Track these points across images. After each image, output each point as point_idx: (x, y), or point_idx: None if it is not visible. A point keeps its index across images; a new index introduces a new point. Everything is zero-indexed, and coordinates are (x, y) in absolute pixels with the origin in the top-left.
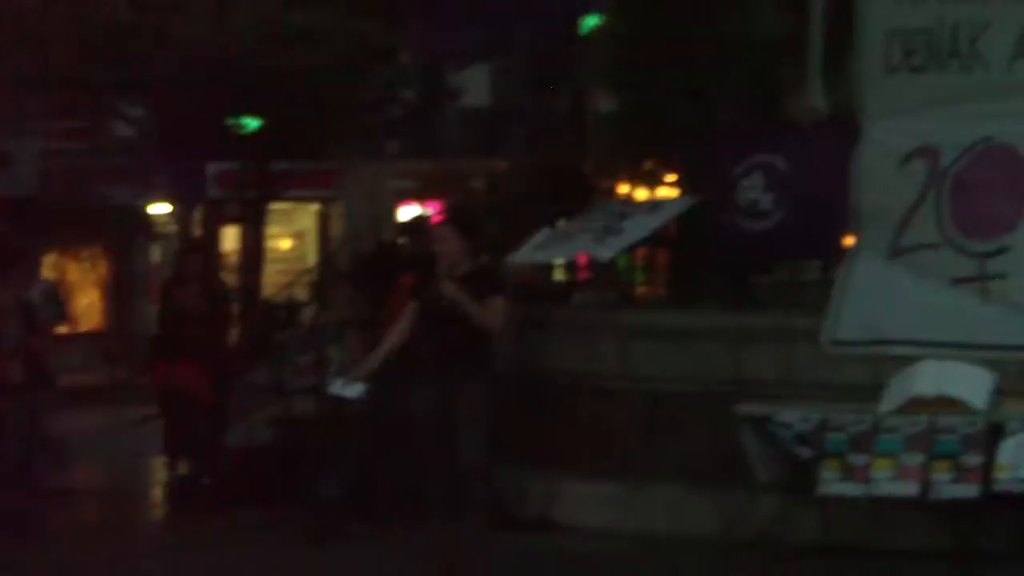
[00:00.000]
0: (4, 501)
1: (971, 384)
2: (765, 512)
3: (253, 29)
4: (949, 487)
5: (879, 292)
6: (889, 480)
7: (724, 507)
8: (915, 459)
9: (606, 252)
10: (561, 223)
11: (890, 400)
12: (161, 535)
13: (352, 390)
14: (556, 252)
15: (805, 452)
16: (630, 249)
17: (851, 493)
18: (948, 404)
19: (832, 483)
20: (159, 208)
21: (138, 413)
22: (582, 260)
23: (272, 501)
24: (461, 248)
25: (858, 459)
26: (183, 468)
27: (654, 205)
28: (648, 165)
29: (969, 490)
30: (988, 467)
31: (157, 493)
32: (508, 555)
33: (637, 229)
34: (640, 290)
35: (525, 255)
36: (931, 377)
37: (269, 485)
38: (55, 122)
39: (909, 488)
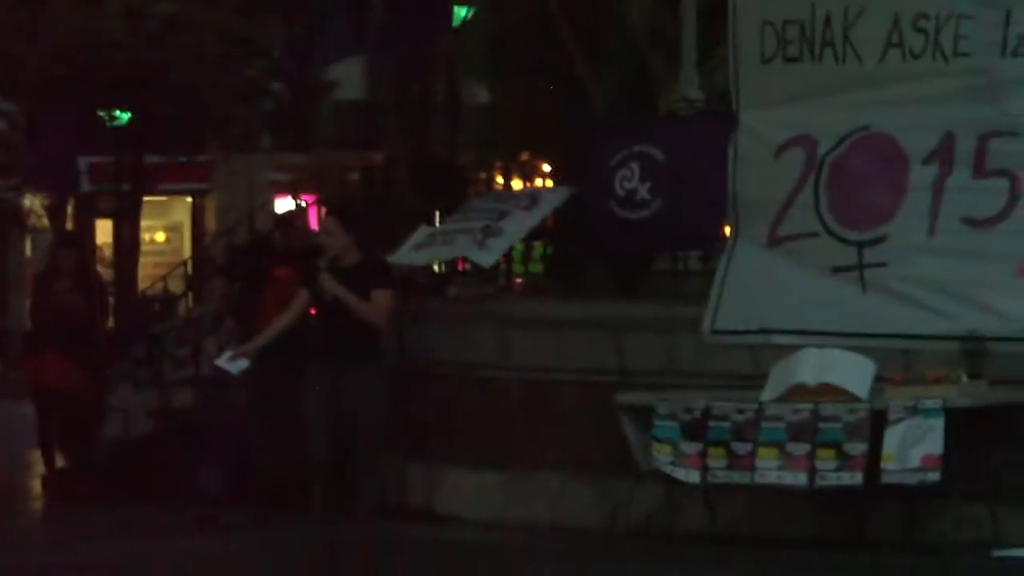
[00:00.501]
0: None
1: (852, 372)
2: (650, 501)
3: (121, 20)
4: (834, 475)
5: (759, 281)
6: (775, 469)
7: (608, 496)
8: (800, 448)
9: (488, 257)
10: (439, 223)
11: (772, 389)
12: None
13: (236, 365)
14: (436, 254)
15: (691, 448)
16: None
17: (737, 482)
18: (830, 392)
19: (718, 472)
20: (31, 201)
21: (12, 408)
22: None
23: (153, 493)
24: (347, 240)
25: (742, 447)
26: (60, 461)
27: (532, 199)
28: (523, 156)
29: (854, 478)
30: (872, 455)
31: (35, 486)
32: (392, 545)
33: (517, 228)
34: (519, 281)
35: (404, 255)
36: (812, 365)
37: (149, 477)
38: None
39: (797, 478)
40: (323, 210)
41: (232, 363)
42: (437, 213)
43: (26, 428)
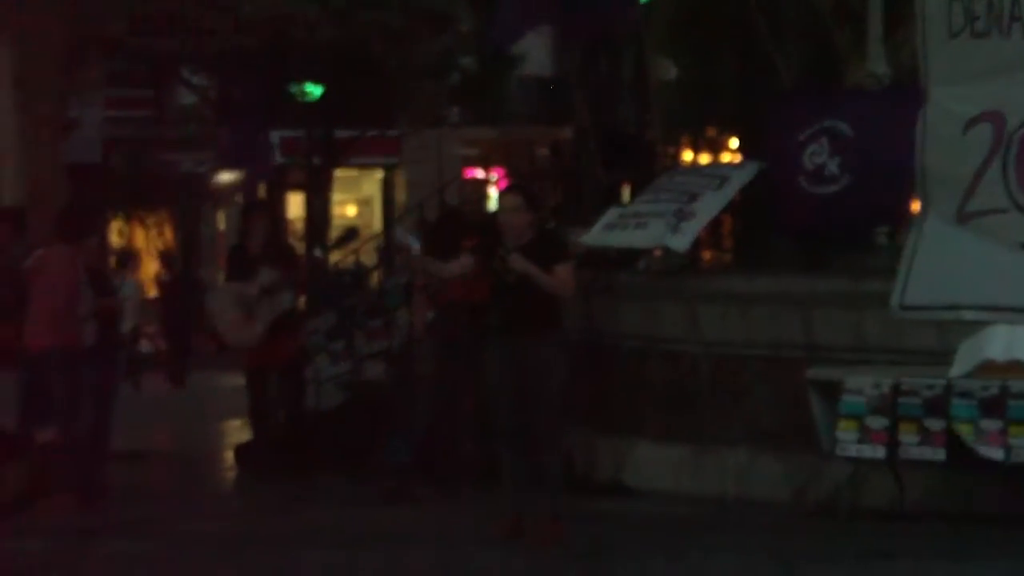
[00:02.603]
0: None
1: None
2: (837, 476)
3: None
4: None
5: (947, 257)
6: (971, 443)
7: (794, 471)
8: (993, 424)
9: (683, 241)
10: (628, 200)
11: (961, 365)
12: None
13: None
14: (630, 240)
15: (878, 422)
16: None
17: (929, 457)
18: (1019, 369)
19: (910, 448)
20: (225, 176)
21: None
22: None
23: (342, 465)
24: (530, 218)
25: (935, 423)
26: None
27: (721, 177)
28: (711, 132)
29: None
30: None
31: (229, 457)
32: (579, 519)
33: (708, 209)
34: (706, 255)
35: (596, 236)
36: (1002, 342)
37: (339, 449)
38: (119, 90)
39: (993, 452)
40: (503, 186)
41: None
42: (626, 188)
43: (228, 400)
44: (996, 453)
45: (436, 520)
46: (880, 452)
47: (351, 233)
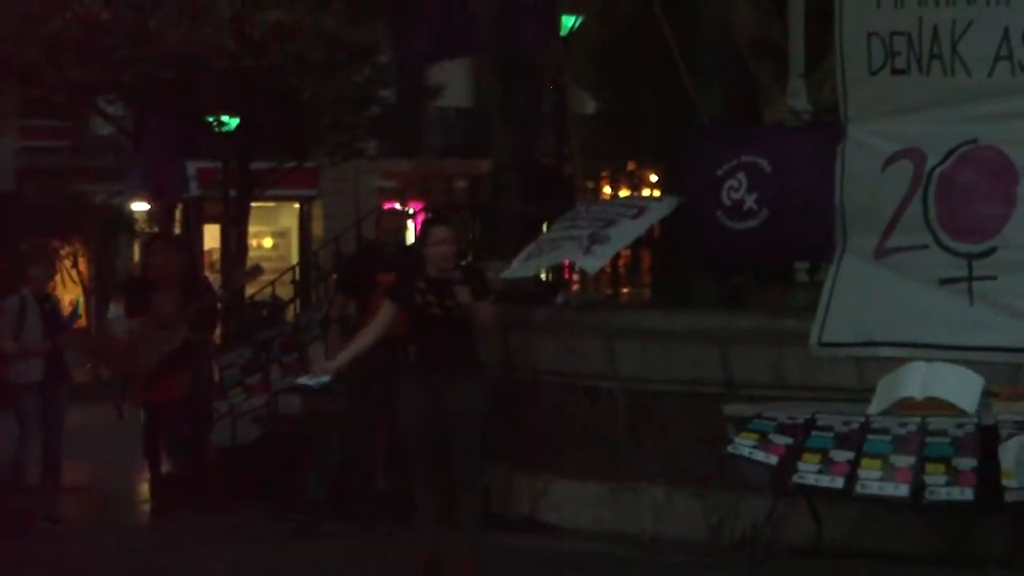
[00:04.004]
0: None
1: (960, 386)
2: (754, 513)
3: (228, 27)
4: (944, 490)
5: (866, 293)
6: (877, 480)
7: (713, 508)
8: (905, 460)
9: (593, 263)
10: (545, 230)
11: (879, 402)
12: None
13: (317, 380)
14: (542, 261)
15: (783, 439)
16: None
17: (828, 485)
18: (937, 407)
19: (809, 475)
20: (139, 206)
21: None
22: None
23: (257, 500)
24: (456, 252)
25: (841, 455)
26: (168, 467)
27: (638, 208)
28: (631, 166)
29: (964, 493)
30: (981, 471)
31: (143, 492)
32: (496, 555)
33: (623, 236)
34: (625, 291)
35: (517, 270)
36: (920, 379)
37: (254, 484)
38: (34, 120)
39: (899, 489)
40: (425, 218)
41: (313, 379)
42: (545, 222)
43: (137, 435)
44: (902, 490)
45: (346, 556)
46: (772, 460)
47: (256, 270)
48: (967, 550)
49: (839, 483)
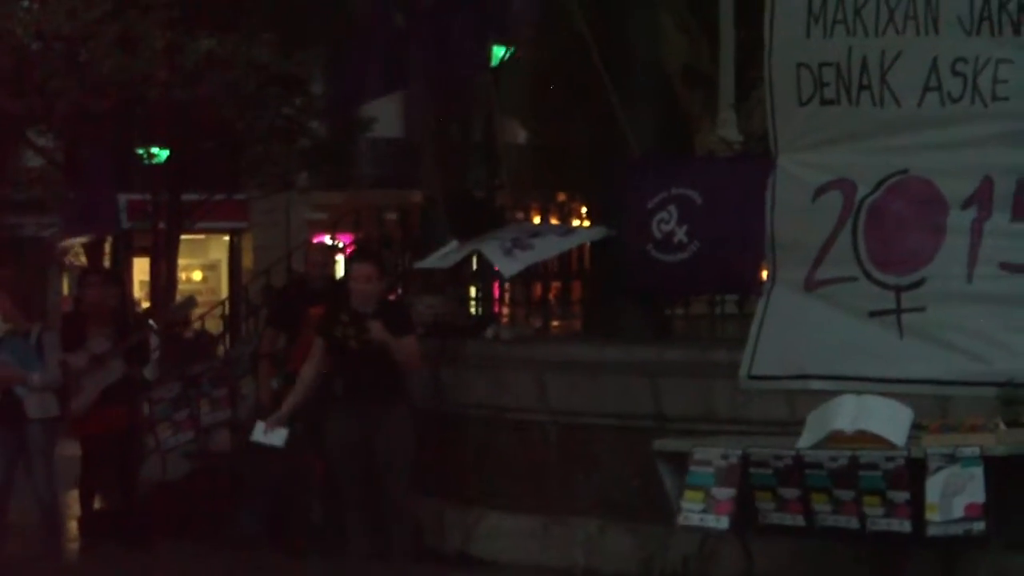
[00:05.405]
0: None
1: (890, 420)
2: (686, 547)
3: (160, 57)
4: (884, 520)
5: (796, 326)
6: (830, 514)
7: (644, 541)
8: (847, 494)
9: (512, 265)
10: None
11: (809, 436)
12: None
13: (276, 436)
14: (462, 254)
15: (724, 493)
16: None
17: (790, 523)
18: (867, 440)
19: (769, 514)
20: (70, 239)
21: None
22: (494, 287)
23: (190, 535)
24: (380, 288)
25: (789, 492)
26: (98, 503)
27: (567, 230)
28: (561, 197)
29: (903, 525)
30: (914, 503)
31: (72, 528)
32: None
33: (546, 247)
34: (556, 324)
35: (431, 261)
36: (849, 412)
37: (187, 519)
38: None
39: (850, 522)
40: (351, 253)
41: (270, 435)
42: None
43: (68, 469)
44: (852, 523)
45: None
46: (724, 523)
47: (189, 302)
48: None
49: (800, 520)
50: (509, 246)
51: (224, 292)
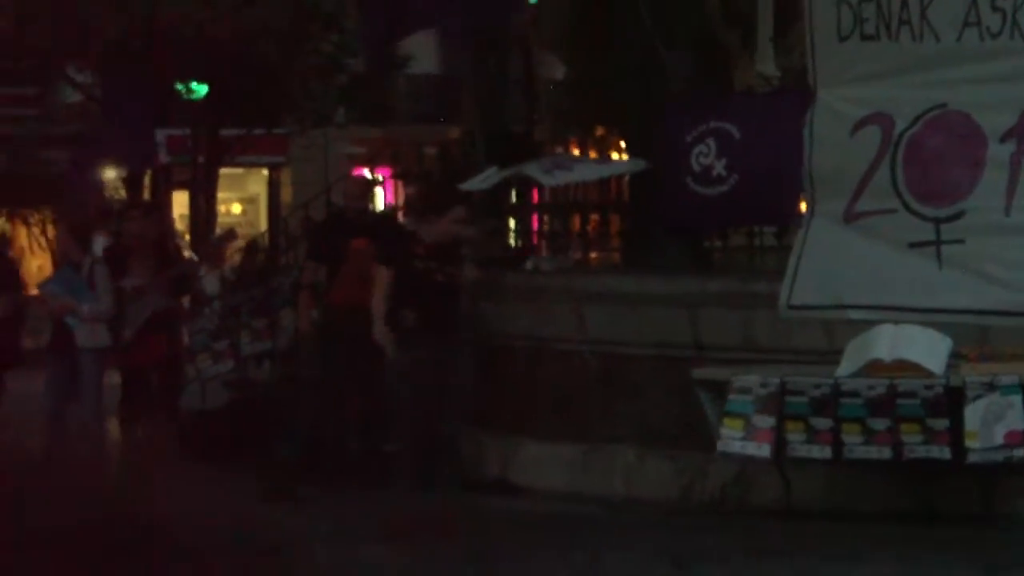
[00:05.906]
0: None
1: (928, 348)
2: (724, 474)
3: None
4: (923, 448)
5: (835, 257)
6: (860, 444)
7: (683, 469)
8: (882, 423)
9: (551, 180)
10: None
11: (848, 365)
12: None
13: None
14: (502, 175)
15: (765, 421)
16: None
17: (818, 456)
18: (906, 368)
19: (798, 446)
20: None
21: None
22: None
23: (228, 463)
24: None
25: (821, 423)
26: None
27: (606, 161)
28: (599, 131)
29: (942, 452)
30: (953, 431)
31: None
32: (468, 516)
33: (586, 171)
34: (594, 255)
35: (473, 184)
36: (888, 341)
37: (225, 447)
38: (1, 87)
39: (882, 452)
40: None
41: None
42: (512, 189)
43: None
44: (884, 452)
45: (320, 519)
46: (765, 451)
47: (230, 234)
48: (935, 508)
49: (827, 452)
50: (550, 167)
51: (263, 225)
